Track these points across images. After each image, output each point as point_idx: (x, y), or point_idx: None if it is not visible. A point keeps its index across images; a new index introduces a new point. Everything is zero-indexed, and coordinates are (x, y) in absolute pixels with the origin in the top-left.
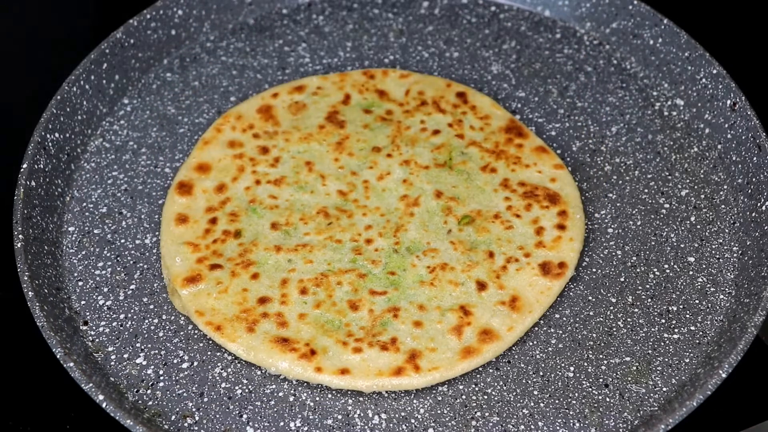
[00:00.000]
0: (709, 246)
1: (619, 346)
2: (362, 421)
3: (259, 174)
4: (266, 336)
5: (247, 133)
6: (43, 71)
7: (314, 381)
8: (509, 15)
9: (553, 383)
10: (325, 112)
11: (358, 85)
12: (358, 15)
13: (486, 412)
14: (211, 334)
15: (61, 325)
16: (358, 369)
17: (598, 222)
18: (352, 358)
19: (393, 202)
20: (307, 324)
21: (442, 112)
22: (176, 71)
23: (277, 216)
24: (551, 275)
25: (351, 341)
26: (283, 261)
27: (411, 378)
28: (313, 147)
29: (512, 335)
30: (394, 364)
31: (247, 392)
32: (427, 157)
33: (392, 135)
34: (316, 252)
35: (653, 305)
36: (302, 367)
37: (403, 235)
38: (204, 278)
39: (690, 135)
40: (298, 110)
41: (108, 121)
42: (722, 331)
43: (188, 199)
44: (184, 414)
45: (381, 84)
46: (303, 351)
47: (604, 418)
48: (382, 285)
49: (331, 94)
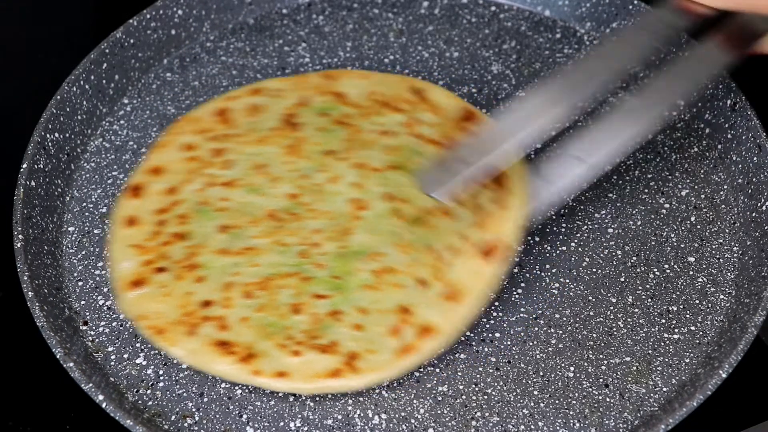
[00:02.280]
0: (710, 246)
1: (619, 346)
2: (362, 421)
3: (211, 176)
4: (206, 339)
5: (202, 136)
6: (43, 71)
7: (252, 384)
8: (509, 15)
9: (553, 383)
10: (281, 115)
11: (316, 88)
12: (358, 15)
13: (486, 413)
14: (152, 338)
15: (60, 325)
16: (296, 372)
17: (598, 222)
18: (291, 361)
19: (342, 206)
20: (249, 327)
21: (399, 112)
22: (176, 71)
23: (227, 219)
24: (491, 257)
25: (291, 344)
26: (229, 264)
27: (348, 380)
28: (266, 150)
29: (453, 327)
30: (332, 366)
31: (247, 392)
32: (381, 159)
33: (347, 138)
34: (263, 256)
35: (653, 305)
36: (240, 371)
37: (350, 239)
38: (148, 282)
39: (690, 135)
40: (253, 113)
41: (108, 121)
42: (722, 331)
43: (139, 201)
44: (184, 414)
45: (339, 86)
46: (242, 354)
47: (604, 418)
48: (326, 289)
49: (289, 97)
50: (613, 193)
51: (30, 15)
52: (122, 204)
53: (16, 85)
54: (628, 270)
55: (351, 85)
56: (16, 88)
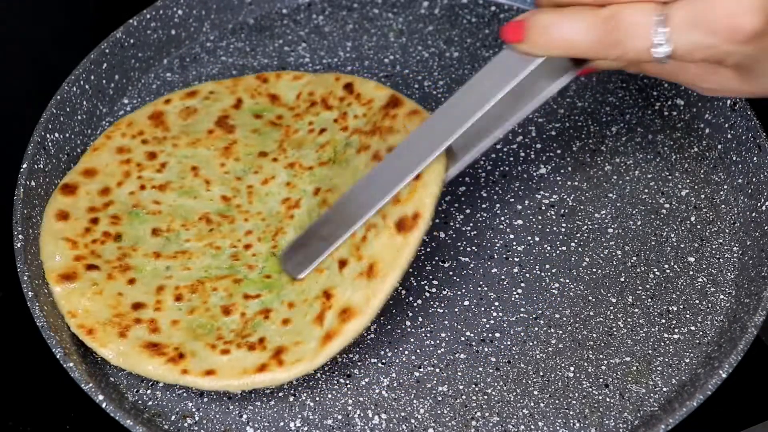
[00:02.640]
0: (710, 246)
1: (619, 346)
2: (362, 421)
3: (144, 179)
4: (137, 342)
5: (136, 140)
6: (43, 71)
7: (182, 383)
8: (509, 15)
9: (553, 383)
10: (216, 117)
11: (250, 90)
12: (358, 15)
13: (486, 412)
14: (83, 338)
15: (61, 325)
16: (224, 369)
17: (598, 222)
18: (219, 359)
19: (275, 206)
20: (179, 330)
21: (329, 109)
22: (176, 71)
23: (159, 222)
24: (406, 229)
25: (220, 344)
26: (161, 267)
27: (275, 373)
28: (200, 152)
29: (373, 305)
30: (258, 361)
31: (247, 392)
32: (313, 157)
33: (280, 139)
34: (195, 259)
35: (653, 305)
36: (169, 371)
37: (281, 239)
38: (79, 277)
39: (690, 135)
40: (188, 115)
41: (108, 121)
42: (722, 331)
43: (71, 199)
44: (184, 414)
45: (273, 88)
46: (171, 355)
47: (604, 418)
48: (257, 288)
49: (223, 99)
50: (613, 193)
51: (30, 15)
52: (55, 199)
53: (16, 85)
54: (628, 270)
55: (286, 86)
56: (16, 88)
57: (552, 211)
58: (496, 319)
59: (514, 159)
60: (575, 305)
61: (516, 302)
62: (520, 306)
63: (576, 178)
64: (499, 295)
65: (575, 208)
